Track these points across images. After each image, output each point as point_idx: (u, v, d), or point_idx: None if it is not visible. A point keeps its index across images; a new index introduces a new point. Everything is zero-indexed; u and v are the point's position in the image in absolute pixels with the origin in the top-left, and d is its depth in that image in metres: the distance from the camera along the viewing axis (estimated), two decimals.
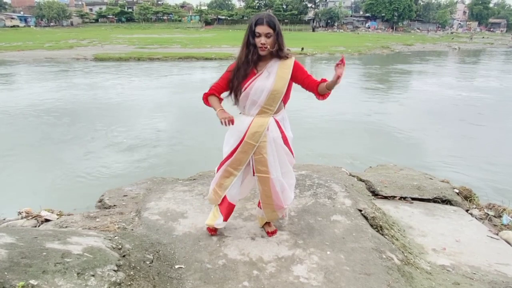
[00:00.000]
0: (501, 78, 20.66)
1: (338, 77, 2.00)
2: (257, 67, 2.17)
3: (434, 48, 40.98)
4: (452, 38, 54.68)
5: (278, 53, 2.12)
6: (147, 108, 11.37)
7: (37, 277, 1.46)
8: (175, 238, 2.50)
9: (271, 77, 2.13)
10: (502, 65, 28.63)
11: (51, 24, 62.89)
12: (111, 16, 67.58)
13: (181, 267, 2.17)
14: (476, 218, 3.73)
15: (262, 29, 2.00)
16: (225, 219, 2.47)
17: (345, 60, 2.02)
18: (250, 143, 2.22)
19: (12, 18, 61.24)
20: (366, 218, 2.83)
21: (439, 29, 74.78)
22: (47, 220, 3.80)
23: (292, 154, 2.42)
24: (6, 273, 1.40)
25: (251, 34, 2.05)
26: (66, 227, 2.82)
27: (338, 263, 2.24)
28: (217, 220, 2.44)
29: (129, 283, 1.73)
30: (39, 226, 3.58)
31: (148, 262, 2.05)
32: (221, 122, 2.10)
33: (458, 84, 17.71)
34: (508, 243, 3.24)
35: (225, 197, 2.40)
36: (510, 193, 5.58)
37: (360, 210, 2.91)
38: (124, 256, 1.96)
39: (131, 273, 1.83)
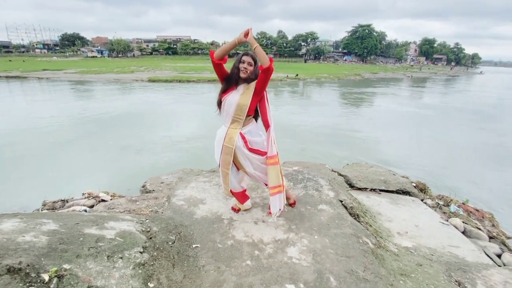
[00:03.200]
0: (442, 97, 20.05)
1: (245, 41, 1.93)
2: (232, 88, 2.09)
3: (393, 76, 39.93)
4: (407, 69, 53.47)
5: (249, 80, 2.04)
6: (183, 116, 11.19)
7: (70, 261, 1.23)
8: (195, 220, 2.26)
9: (238, 93, 2.04)
10: (443, 88, 27.82)
11: (119, 55, 63.26)
12: (161, 50, 67.90)
13: (197, 246, 1.92)
14: (430, 207, 3.42)
15: (247, 58, 1.99)
16: (242, 202, 2.41)
17: (250, 31, 1.90)
18: (228, 146, 2.10)
19: (92, 51, 61.88)
20: (346, 207, 2.55)
21: (397, 62, 73.29)
22: (103, 200, 3.61)
23: (261, 154, 2.15)
24: (42, 258, 1.17)
25: (238, 61, 2.03)
26: (112, 208, 2.60)
27: (324, 246, 1.97)
28: (242, 205, 2.42)
29: (152, 263, 1.49)
30: (96, 204, 3.40)
31: (170, 243, 1.80)
32: (243, 35, 1.92)
33: (411, 102, 17.14)
34: (456, 228, 2.93)
35: (230, 190, 2.28)
36: (456, 186, 5.23)
37: (341, 201, 2.63)
38: (150, 238, 1.72)
39: (155, 253, 1.59)
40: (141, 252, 1.50)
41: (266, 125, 2.13)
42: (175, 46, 69.82)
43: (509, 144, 8.44)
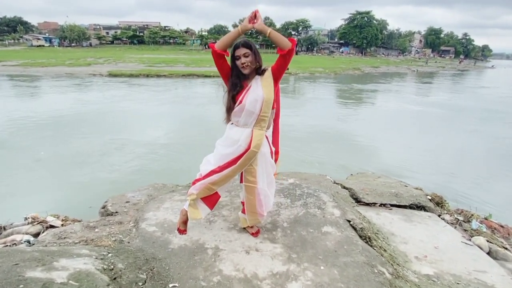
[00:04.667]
0: (453, 95, 20.85)
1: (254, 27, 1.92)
2: (245, 84, 2.06)
3: (396, 70, 41.30)
4: (411, 62, 55.42)
5: (258, 70, 2.05)
6: (152, 118, 10.95)
7: None
8: (171, 252, 2.13)
9: (259, 88, 2.01)
10: (453, 85, 29.00)
11: (73, 44, 61.45)
12: (125, 39, 66.66)
13: (175, 286, 1.80)
14: (449, 223, 3.46)
15: (239, 51, 1.95)
16: (211, 208, 2.31)
17: (258, 14, 1.90)
18: (255, 151, 2.06)
19: (38, 39, 59.73)
20: (355, 228, 2.50)
21: (400, 54, 75.85)
22: (52, 226, 3.39)
23: (275, 164, 2.33)
24: None
25: (233, 59, 2.00)
26: (64, 238, 2.43)
27: (332, 279, 1.90)
28: (202, 211, 2.26)
29: None
30: (43, 232, 3.18)
31: (140, 284, 1.67)
32: (248, 21, 1.93)
33: (417, 100, 17.70)
34: (481, 248, 2.96)
35: (215, 192, 2.24)
36: (473, 197, 5.36)
37: (349, 221, 2.58)
38: (115, 278, 1.59)
39: None
40: None
41: (278, 116, 2.27)
42: (141, 34, 68.89)
43: None
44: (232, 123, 2.14)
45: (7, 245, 2.89)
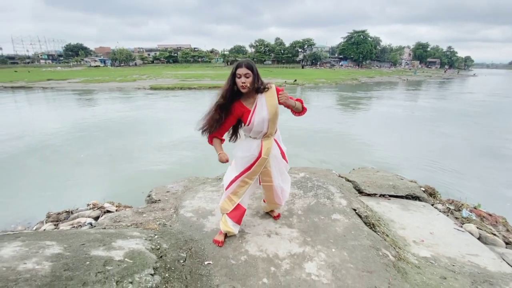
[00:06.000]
0: (438, 99, 19.96)
1: (285, 103, 1.84)
2: (245, 103, 1.86)
3: (389, 80, 39.98)
4: (402, 73, 53.59)
5: (259, 89, 1.83)
6: (185, 122, 11.06)
7: None
8: (205, 234, 2.11)
9: (264, 108, 1.83)
10: (438, 91, 27.80)
11: (122, 64, 63.36)
12: (163, 59, 68.17)
13: (210, 263, 1.78)
14: (441, 212, 3.28)
15: (241, 71, 1.74)
16: (239, 223, 2.06)
17: (283, 89, 1.83)
18: (265, 158, 1.97)
19: (95, 61, 62.20)
20: (360, 216, 2.40)
21: (392, 66, 73.56)
22: (108, 211, 3.46)
23: (287, 162, 2.21)
24: None
25: (232, 76, 1.78)
26: (119, 221, 2.46)
27: (342, 260, 1.82)
28: (232, 227, 2.02)
29: (164, 287, 1.35)
30: (102, 216, 3.25)
31: (182, 261, 1.66)
32: (220, 161, 1.87)
33: (407, 104, 17.07)
34: (472, 234, 2.79)
35: (238, 204, 2.02)
36: (462, 189, 5.09)
37: (355, 210, 2.48)
38: (161, 257, 1.58)
39: (166, 275, 1.44)
40: (152, 275, 1.36)
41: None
42: (175, 54, 70.17)
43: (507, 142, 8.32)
44: (245, 134, 2.03)
45: (74, 226, 2.98)
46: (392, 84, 34.12)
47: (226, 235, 2.08)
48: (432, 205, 3.46)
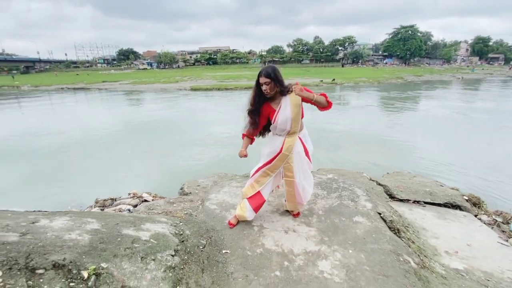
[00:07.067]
0: (499, 101, 17.67)
1: (300, 95, 1.92)
2: (272, 104, 2.07)
3: (440, 78, 36.47)
4: (457, 70, 48.40)
5: (283, 92, 2.02)
6: (221, 121, 11.49)
7: (108, 260, 1.28)
8: (226, 225, 2.24)
9: (287, 108, 2.01)
10: (501, 91, 24.56)
11: (166, 67, 67.94)
12: (203, 61, 71.38)
13: (227, 252, 1.90)
14: (485, 224, 2.98)
15: (262, 80, 1.96)
16: (256, 211, 2.24)
17: (297, 83, 1.94)
18: (285, 154, 2.11)
19: (143, 64, 67.82)
20: (384, 220, 2.32)
21: (445, 63, 66.85)
22: (145, 201, 3.83)
23: (311, 162, 2.26)
24: (83, 256, 1.24)
25: (256, 84, 2.02)
26: (152, 209, 2.72)
27: (359, 262, 1.80)
28: (248, 212, 2.21)
29: (182, 267, 1.50)
30: (139, 204, 3.61)
31: (201, 247, 1.80)
32: (239, 155, 2.17)
33: (460, 105, 15.43)
34: None
35: (258, 192, 2.20)
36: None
37: (380, 213, 2.40)
38: (182, 241, 1.74)
39: (185, 257, 1.59)
40: (172, 255, 1.52)
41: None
42: (215, 56, 72.88)
43: None
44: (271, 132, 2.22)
45: (115, 212, 3.36)
46: (443, 83, 31.06)
47: (238, 221, 2.27)
48: (476, 215, 3.17)
